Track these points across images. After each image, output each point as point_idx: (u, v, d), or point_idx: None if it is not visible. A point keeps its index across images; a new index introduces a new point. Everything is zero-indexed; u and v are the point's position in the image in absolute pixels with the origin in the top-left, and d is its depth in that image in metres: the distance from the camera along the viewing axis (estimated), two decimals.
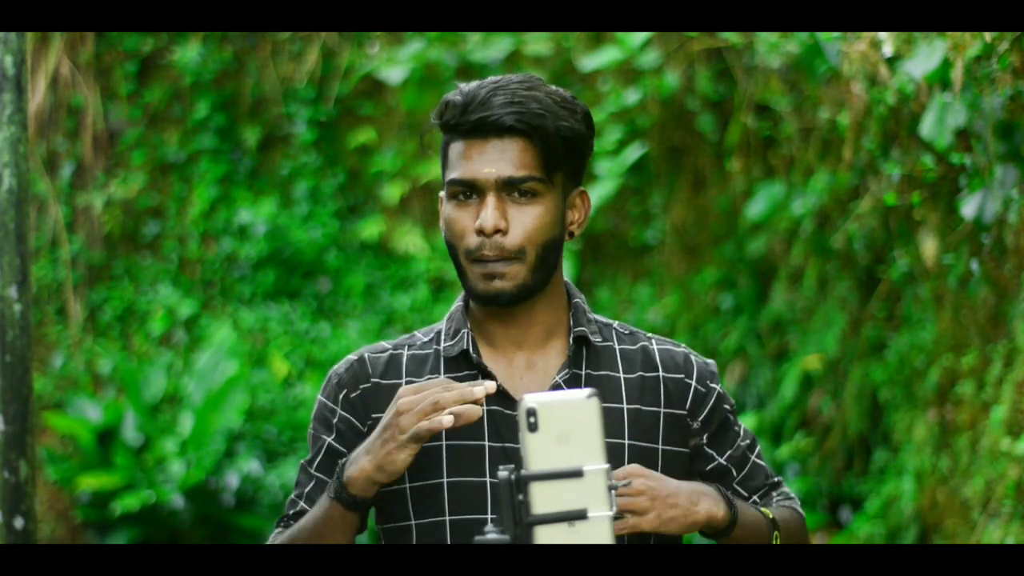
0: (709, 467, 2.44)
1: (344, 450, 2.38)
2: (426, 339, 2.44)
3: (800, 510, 2.52)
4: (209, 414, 7.68)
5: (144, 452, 7.74)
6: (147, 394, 8.04)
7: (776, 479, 2.53)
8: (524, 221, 2.31)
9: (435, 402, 2.18)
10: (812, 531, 6.60)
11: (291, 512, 2.43)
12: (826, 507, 6.76)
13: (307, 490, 2.41)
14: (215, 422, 7.70)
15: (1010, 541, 4.59)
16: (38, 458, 7.40)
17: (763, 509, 2.40)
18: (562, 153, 2.33)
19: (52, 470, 7.66)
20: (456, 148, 2.34)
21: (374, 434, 2.23)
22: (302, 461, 2.44)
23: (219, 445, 7.76)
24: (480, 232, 2.31)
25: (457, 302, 2.45)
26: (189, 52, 8.51)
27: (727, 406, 2.46)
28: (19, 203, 3.11)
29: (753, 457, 2.48)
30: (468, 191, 2.33)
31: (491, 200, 2.31)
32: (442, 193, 2.42)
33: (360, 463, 2.23)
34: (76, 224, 8.56)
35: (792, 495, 2.53)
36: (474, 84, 2.36)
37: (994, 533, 4.77)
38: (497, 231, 2.30)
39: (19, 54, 3.12)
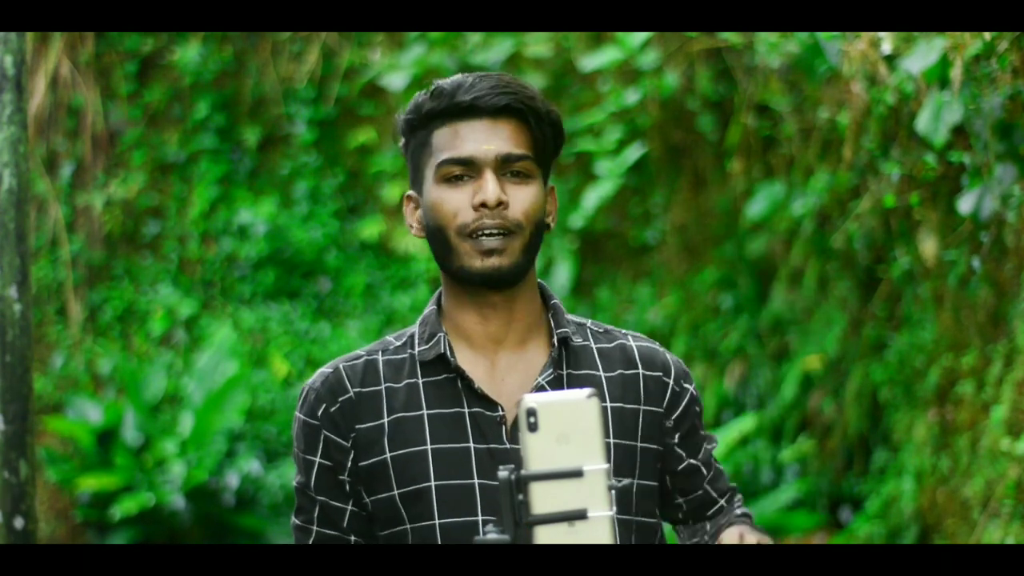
0: (680, 467, 2.45)
1: (333, 466, 2.35)
2: (399, 343, 2.41)
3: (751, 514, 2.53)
4: (209, 414, 7.68)
5: (144, 452, 7.74)
6: (147, 394, 8.04)
7: (735, 485, 2.56)
8: (521, 198, 2.33)
9: None
10: (812, 531, 6.60)
11: (309, 541, 2.38)
12: (826, 507, 6.76)
13: (315, 515, 2.38)
14: (215, 422, 7.69)
15: (1010, 541, 4.59)
16: (38, 458, 7.40)
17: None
18: (550, 139, 2.37)
19: (52, 470, 7.66)
20: (444, 132, 2.34)
21: None
22: (296, 482, 2.40)
23: (219, 445, 7.76)
24: (481, 207, 2.30)
25: (430, 305, 2.43)
26: (189, 52, 8.51)
27: (697, 408, 2.48)
28: (19, 203, 3.12)
29: (715, 461, 2.51)
30: (462, 171, 2.33)
31: (490, 175, 2.31)
32: (410, 192, 2.41)
33: None
34: (76, 224, 8.56)
35: (740, 499, 2.55)
36: (456, 76, 2.38)
37: (994, 533, 4.77)
38: (500, 203, 2.30)
39: (19, 54, 3.12)
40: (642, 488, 2.38)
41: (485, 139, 2.32)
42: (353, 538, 2.37)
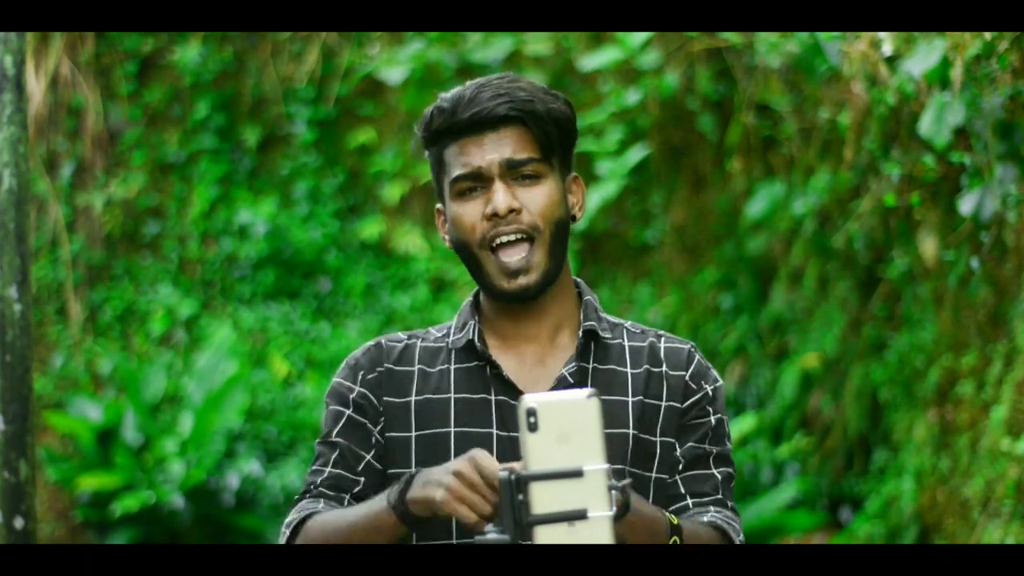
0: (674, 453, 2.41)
1: (363, 421, 2.41)
2: (439, 334, 2.49)
3: (728, 531, 2.37)
4: (209, 414, 7.68)
5: (144, 452, 7.74)
6: (147, 394, 8.03)
7: (721, 497, 2.42)
8: (533, 200, 2.37)
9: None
10: (812, 531, 6.59)
11: (318, 480, 2.42)
12: (826, 507, 6.76)
13: (332, 457, 2.42)
14: (215, 422, 7.69)
15: (1010, 541, 4.59)
16: (38, 458, 7.39)
17: (668, 513, 2.30)
18: (556, 135, 2.40)
19: (52, 470, 7.66)
20: (452, 150, 2.39)
21: (442, 468, 2.19)
22: (316, 442, 2.45)
23: (219, 445, 7.76)
24: (493, 215, 2.35)
25: (468, 299, 2.49)
26: (189, 52, 8.51)
27: (709, 408, 2.43)
28: (19, 203, 3.12)
29: (714, 470, 2.41)
30: (473, 184, 2.38)
31: (499, 185, 2.36)
32: (439, 206, 2.47)
33: (428, 491, 2.18)
34: (76, 224, 8.56)
35: (733, 520, 2.40)
36: (456, 89, 2.42)
37: (994, 533, 4.77)
38: (511, 211, 2.35)
39: (19, 54, 3.12)
40: (660, 483, 2.40)
41: (490, 150, 2.37)
42: (363, 480, 2.40)
